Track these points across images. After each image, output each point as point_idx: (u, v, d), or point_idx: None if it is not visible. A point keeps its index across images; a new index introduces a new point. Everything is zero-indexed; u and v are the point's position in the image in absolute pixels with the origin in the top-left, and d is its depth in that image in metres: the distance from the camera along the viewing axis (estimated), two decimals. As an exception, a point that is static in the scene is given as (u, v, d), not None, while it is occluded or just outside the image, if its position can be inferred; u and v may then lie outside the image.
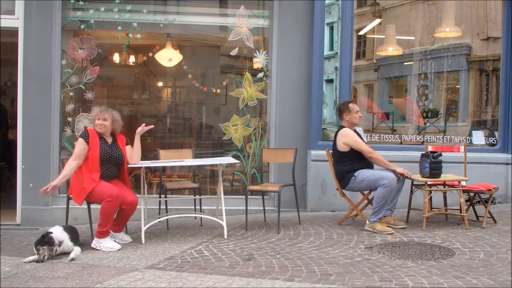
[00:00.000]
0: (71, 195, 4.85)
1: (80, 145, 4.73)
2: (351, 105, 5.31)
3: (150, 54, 6.60)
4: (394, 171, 5.05)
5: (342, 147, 5.20)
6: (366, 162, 5.20)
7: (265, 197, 5.85)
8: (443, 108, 7.81)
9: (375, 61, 8.35)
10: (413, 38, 8.11)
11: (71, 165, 4.69)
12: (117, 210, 4.75)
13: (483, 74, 7.59)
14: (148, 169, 6.53)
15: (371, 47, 8.39)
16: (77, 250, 4.48)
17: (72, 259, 4.32)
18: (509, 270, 3.75)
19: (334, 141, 5.30)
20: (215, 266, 4.03)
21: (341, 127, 5.32)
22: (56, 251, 4.39)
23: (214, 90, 6.77)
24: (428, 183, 5.08)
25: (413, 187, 5.37)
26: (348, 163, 5.17)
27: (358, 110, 5.29)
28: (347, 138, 5.19)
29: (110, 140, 4.91)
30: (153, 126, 5.13)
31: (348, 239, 4.81)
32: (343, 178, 5.22)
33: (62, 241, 4.47)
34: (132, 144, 4.98)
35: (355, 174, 5.12)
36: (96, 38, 6.25)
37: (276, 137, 6.32)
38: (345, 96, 6.22)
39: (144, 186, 4.97)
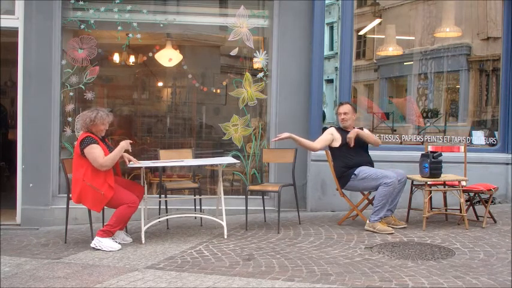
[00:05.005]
0: (71, 196, 4.82)
1: (97, 147, 4.59)
2: (339, 107, 5.49)
3: (150, 54, 6.60)
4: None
5: None
6: (361, 159, 5.23)
7: (265, 197, 5.85)
8: (443, 108, 7.81)
9: (374, 61, 8.35)
10: (413, 38, 8.11)
11: (108, 157, 4.58)
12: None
13: (483, 74, 7.59)
14: (148, 169, 6.53)
15: (371, 47, 8.39)
16: None
17: None
18: (509, 270, 3.75)
19: None
20: (215, 266, 4.03)
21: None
22: None
23: (214, 90, 6.77)
24: (428, 183, 5.08)
25: (413, 187, 5.37)
26: (340, 158, 5.25)
27: (341, 112, 5.39)
28: None
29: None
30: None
31: (348, 239, 4.81)
32: (342, 175, 5.23)
33: None
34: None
35: (355, 172, 5.13)
36: (96, 38, 6.25)
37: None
38: (344, 96, 6.22)
39: (144, 186, 4.98)
